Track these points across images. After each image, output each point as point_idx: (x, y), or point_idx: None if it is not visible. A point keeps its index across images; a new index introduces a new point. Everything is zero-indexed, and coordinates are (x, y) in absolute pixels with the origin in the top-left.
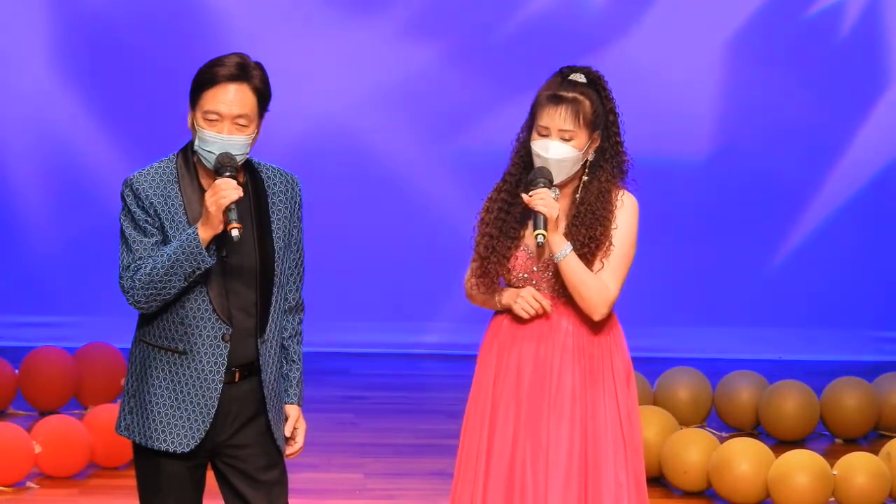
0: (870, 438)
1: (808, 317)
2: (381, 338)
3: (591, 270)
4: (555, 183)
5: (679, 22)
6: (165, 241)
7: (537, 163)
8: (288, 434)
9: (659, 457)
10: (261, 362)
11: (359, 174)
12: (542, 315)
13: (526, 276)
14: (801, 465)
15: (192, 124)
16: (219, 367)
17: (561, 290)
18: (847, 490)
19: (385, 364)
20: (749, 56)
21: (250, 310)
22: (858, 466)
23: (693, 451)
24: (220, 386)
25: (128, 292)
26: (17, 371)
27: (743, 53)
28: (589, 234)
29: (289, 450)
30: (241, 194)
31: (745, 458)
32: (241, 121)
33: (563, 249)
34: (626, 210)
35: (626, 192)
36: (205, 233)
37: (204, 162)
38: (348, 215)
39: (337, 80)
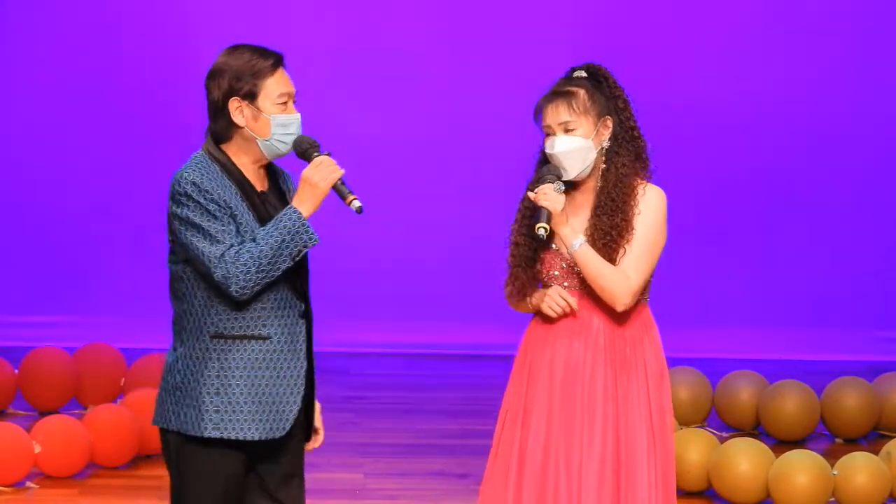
0: (870, 438)
1: (808, 317)
2: (381, 338)
3: (616, 259)
4: (573, 176)
5: (678, 20)
6: (238, 230)
7: (552, 162)
8: (319, 425)
9: None
10: (310, 343)
11: (358, 174)
12: (570, 313)
13: (556, 273)
14: (801, 465)
15: (252, 117)
16: (301, 344)
17: (591, 288)
18: (847, 490)
19: (385, 364)
20: (750, 57)
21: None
22: (858, 466)
23: (693, 451)
24: (305, 363)
25: (230, 279)
26: (17, 371)
27: (745, 53)
28: (611, 223)
29: (312, 444)
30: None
31: (745, 458)
32: (295, 98)
33: (574, 241)
34: (649, 198)
35: (649, 184)
36: (307, 210)
37: (275, 148)
38: (348, 215)
39: (336, 77)
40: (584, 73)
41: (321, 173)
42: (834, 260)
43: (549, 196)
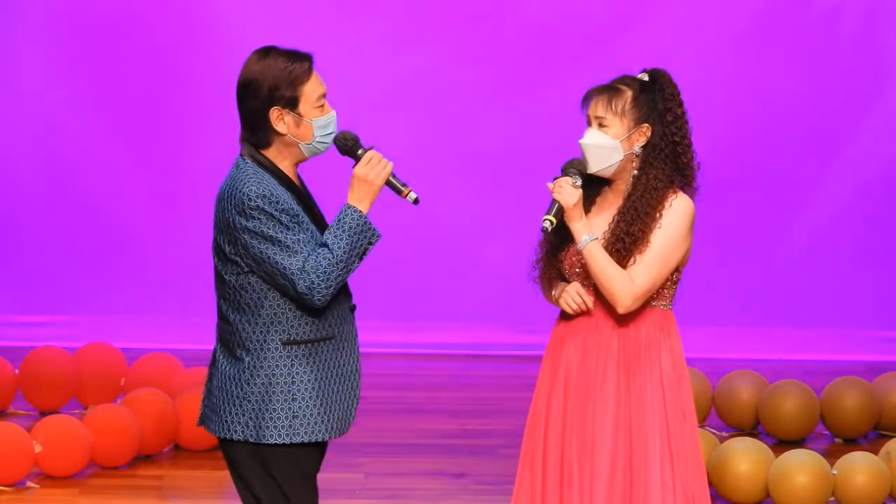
0: (870, 438)
1: (808, 317)
2: (381, 338)
3: (625, 265)
4: (594, 171)
5: (681, 21)
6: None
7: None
8: None
9: None
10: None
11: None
12: (585, 312)
13: (578, 270)
14: (801, 465)
15: (294, 124)
16: (355, 339)
17: None
18: (847, 490)
19: (385, 364)
20: (751, 56)
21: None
22: (858, 466)
23: None
24: (359, 356)
25: (314, 289)
26: (17, 371)
27: (745, 53)
28: (627, 230)
29: None
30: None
31: (745, 458)
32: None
33: (583, 238)
34: (673, 211)
35: (680, 194)
36: (365, 208)
37: (316, 149)
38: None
39: (339, 76)
40: (646, 77)
41: (374, 170)
42: (834, 260)
43: (563, 189)
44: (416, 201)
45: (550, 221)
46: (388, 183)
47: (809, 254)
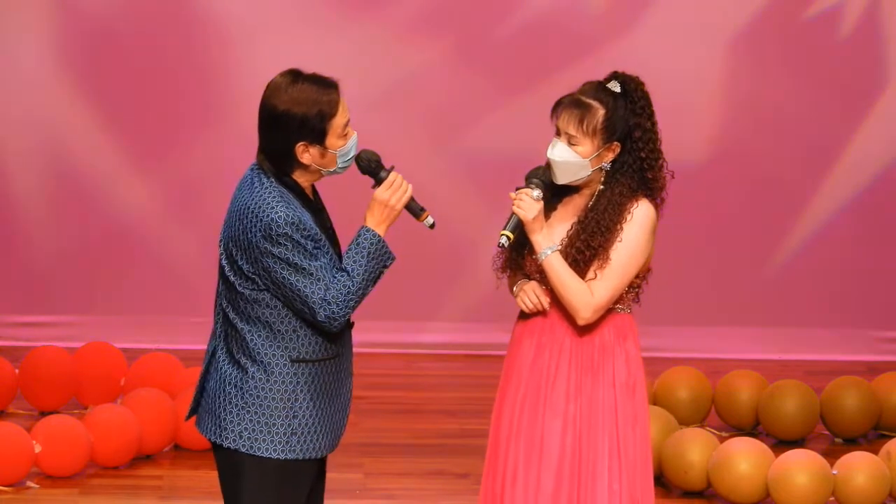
0: (870, 438)
1: (808, 317)
2: (381, 338)
3: (583, 276)
4: (562, 182)
5: (679, 22)
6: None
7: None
8: None
9: (659, 457)
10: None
11: (358, 173)
12: (542, 312)
13: (537, 266)
14: (801, 464)
15: (319, 155)
16: (351, 357)
17: None
18: (847, 490)
19: (385, 364)
20: (749, 56)
21: None
22: (858, 466)
23: (693, 451)
24: (352, 373)
25: (332, 318)
26: (17, 371)
27: (744, 53)
28: (587, 243)
29: None
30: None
31: (745, 457)
32: None
33: (543, 250)
34: (634, 222)
35: (641, 201)
36: (383, 231)
37: (337, 172)
38: (348, 214)
39: (338, 76)
40: (617, 88)
41: (396, 195)
42: (833, 260)
43: (524, 203)
44: (432, 226)
45: (507, 237)
46: (406, 206)
47: (809, 254)
